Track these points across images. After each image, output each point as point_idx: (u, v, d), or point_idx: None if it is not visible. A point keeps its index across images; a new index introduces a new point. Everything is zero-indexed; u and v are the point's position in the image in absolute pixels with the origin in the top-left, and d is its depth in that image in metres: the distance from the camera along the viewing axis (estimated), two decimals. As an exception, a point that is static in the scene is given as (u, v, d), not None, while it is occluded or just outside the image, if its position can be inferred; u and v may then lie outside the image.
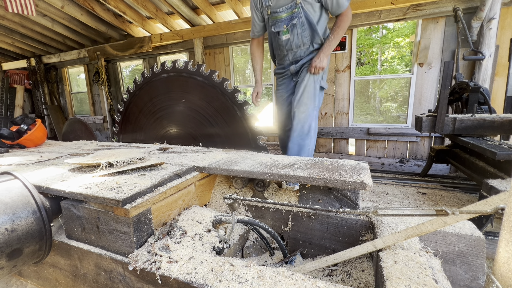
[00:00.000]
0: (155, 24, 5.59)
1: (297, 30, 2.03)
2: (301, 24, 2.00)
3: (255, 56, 2.42)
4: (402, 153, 4.32)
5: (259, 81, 2.39)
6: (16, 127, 2.09)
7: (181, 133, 2.08)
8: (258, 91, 2.36)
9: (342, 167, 1.25)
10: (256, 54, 2.42)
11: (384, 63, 11.66)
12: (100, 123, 7.06)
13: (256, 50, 2.41)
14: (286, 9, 1.98)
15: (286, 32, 2.06)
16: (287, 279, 0.74)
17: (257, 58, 2.42)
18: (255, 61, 2.43)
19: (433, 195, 2.38)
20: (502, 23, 3.43)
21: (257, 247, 1.28)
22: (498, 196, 0.68)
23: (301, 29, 2.02)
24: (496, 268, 0.57)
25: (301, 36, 2.05)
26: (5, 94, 7.96)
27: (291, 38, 2.07)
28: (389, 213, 0.86)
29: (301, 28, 2.02)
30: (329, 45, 1.98)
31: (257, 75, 2.42)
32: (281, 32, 2.08)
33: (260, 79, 2.41)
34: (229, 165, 1.34)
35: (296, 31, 2.03)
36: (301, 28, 2.02)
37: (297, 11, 1.96)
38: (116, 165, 1.21)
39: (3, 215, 0.90)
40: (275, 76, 2.47)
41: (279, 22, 2.06)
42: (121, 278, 0.94)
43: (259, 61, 2.42)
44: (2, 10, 4.99)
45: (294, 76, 2.26)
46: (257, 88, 2.38)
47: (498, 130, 2.09)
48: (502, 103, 3.59)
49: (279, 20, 2.06)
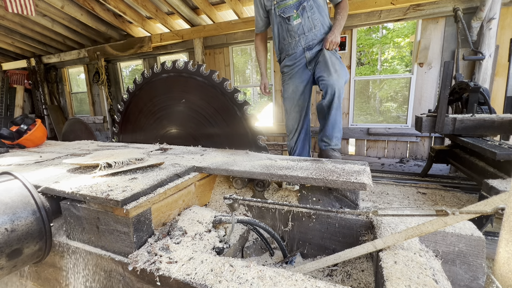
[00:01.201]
0: (155, 24, 5.59)
1: (307, 13, 2.11)
2: (310, 7, 2.10)
3: (260, 50, 2.54)
4: (402, 153, 4.32)
5: (264, 74, 2.51)
6: (16, 127, 2.09)
7: (181, 133, 2.08)
8: (265, 82, 2.49)
9: (342, 167, 1.25)
10: (260, 48, 2.54)
11: (384, 63, 11.66)
12: (100, 123, 7.06)
13: (260, 44, 2.54)
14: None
15: (297, 16, 2.13)
16: (287, 279, 0.74)
17: (261, 52, 2.54)
18: (260, 54, 2.55)
19: (433, 195, 2.38)
20: (502, 23, 3.44)
21: (257, 247, 1.28)
22: (498, 196, 0.68)
23: (310, 12, 2.11)
24: (496, 268, 0.57)
25: (312, 19, 2.14)
26: (5, 94, 7.97)
27: (303, 21, 2.14)
28: (389, 213, 0.86)
29: (310, 11, 2.11)
30: (339, 24, 2.11)
31: (262, 68, 2.55)
32: (291, 17, 2.14)
33: (265, 71, 2.53)
34: (229, 165, 1.34)
35: (307, 14, 2.12)
36: (310, 11, 2.11)
37: None
38: (115, 165, 1.21)
39: (3, 215, 0.89)
40: (283, 71, 2.42)
41: (288, 8, 2.13)
42: (121, 279, 0.94)
43: (263, 55, 2.55)
44: (2, 10, 4.99)
45: (309, 64, 2.24)
46: (263, 80, 2.49)
47: (498, 130, 2.09)
48: (502, 103, 3.60)
49: (288, 6, 2.13)
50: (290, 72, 2.32)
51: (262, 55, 2.54)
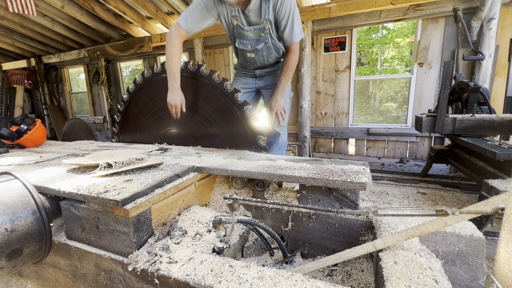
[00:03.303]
0: (155, 24, 5.59)
1: (262, 52, 1.99)
2: (267, 49, 1.96)
3: (175, 56, 1.82)
4: (402, 153, 4.32)
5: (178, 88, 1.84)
6: (16, 127, 2.09)
7: (181, 133, 2.08)
8: (182, 100, 1.85)
9: (342, 167, 1.25)
10: (177, 53, 1.84)
11: (384, 63, 11.66)
12: (100, 123, 7.06)
13: (179, 48, 1.86)
14: (253, 30, 1.87)
15: (251, 51, 2.00)
16: (287, 279, 0.74)
17: (177, 58, 1.84)
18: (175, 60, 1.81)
19: (433, 195, 2.38)
20: (502, 23, 3.44)
21: (257, 247, 1.28)
22: (498, 197, 0.68)
23: (267, 52, 1.99)
24: (496, 268, 0.57)
25: (267, 57, 2.03)
26: (5, 94, 7.97)
27: (256, 57, 2.03)
28: (389, 213, 0.86)
29: (267, 51, 1.98)
30: (282, 87, 1.95)
31: (177, 80, 1.82)
32: (245, 50, 2.01)
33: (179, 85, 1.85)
34: (228, 165, 1.34)
35: (262, 53, 2.00)
36: (267, 51, 1.98)
37: (264, 36, 1.89)
38: (115, 165, 1.21)
39: (3, 215, 0.89)
40: (236, 69, 2.38)
41: (244, 39, 1.95)
42: (121, 279, 0.94)
43: (178, 64, 1.85)
44: (2, 10, 4.99)
45: (258, 79, 2.25)
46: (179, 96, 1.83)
47: (498, 130, 2.09)
48: (502, 103, 3.60)
49: (245, 37, 1.94)
50: (241, 74, 2.32)
51: (177, 63, 1.83)
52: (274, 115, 1.95)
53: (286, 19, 1.81)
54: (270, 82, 2.22)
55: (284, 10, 1.78)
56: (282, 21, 1.82)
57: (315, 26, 4.37)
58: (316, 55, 4.55)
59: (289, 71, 1.97)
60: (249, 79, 2.29)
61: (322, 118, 4.74)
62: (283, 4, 1.76)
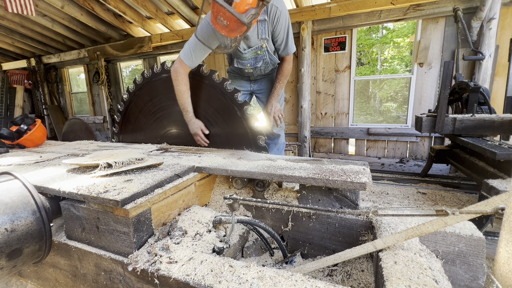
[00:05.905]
0: (155, 24, 5.59)
1: (260, 67, 2.10)
2: (265, 64, 2.06)
3: (185, 93, 1.83)
4: (402, 153, 4.32)
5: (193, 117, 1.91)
6: (16, 127, 2.09)
7: (181, 133, 2.07)
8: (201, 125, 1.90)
9: (342, 167, 1.25)
10: (186, 90, 1.84)
11: (384, 63, 11.65)
12: (100, 123, 7.06)
13: (187, 84, 1.85)
14: (251, 51, 1.95)
15: (250, 69, 2.10)
16: (286, 279, 0.74)
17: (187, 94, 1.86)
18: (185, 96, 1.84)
19: (433, 195, 2.38)
20: (502, 23, 3.43)
21: (257, 247, 1.28)
22: (498, 197, 0.68)
23: (264, 66, 2.09)
24: (496, 268, 0.57)
25: (264, 70, 2.15)
26: (5, 94, 7.97)
27: (254, 71, 2.16)
28: (389, 213, 0.86)
29: (264, 66, 2.09)
30: (277, 93, 2.06)
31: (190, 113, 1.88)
32: (244, 68, 2.11)
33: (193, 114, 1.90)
34: (228, 165, 1.34)
35: (260, 68, 2.10)
36: (264, 66, 2.09)
37: (262, 54, 1.97)
38: (115, 165, 1.21)
39: (3, 215, 0.89)
40: (229, 73, 2.42)
41: (243, 60, 2.04)
42: (121, 279, 0.94)
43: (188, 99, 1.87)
44: (2, 10, 4.99)
45: (253, 82, 2.32)
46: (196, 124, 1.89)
47: (498, 130, 2.09)
48: (502, 103, 3.59)
49: (244, 58, 2.02)
50: (235, 76, 2.36)
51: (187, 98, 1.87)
52: (272, 119, 2.05)
53: (283, 34, 1.90)
54: (265, 86, 2.30)
55: (280, 26, 1.85)
56: (278, 36, 1.90)
57: (315, 26, 4.37)
58: (316, 55, 4.55)
59: (284, 79, 2.09)
60: (243, 82, 2.35)
61: (322, 118, 4.74)
62: (279, 21, 1.82)
